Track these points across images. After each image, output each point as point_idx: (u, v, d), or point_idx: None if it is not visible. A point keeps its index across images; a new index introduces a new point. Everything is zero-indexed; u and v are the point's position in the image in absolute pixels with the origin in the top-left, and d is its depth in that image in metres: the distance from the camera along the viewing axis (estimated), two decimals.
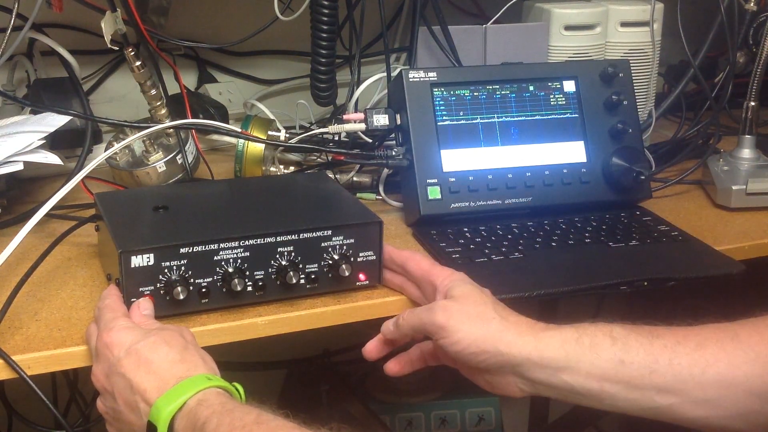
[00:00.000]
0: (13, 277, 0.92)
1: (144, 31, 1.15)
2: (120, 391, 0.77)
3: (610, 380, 0.81)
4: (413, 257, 0.94)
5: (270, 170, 1.23)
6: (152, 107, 1.20)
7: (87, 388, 1.36)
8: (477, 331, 0.83)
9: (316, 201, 1.05)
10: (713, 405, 0.80)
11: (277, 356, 1.65)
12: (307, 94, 1.30)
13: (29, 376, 0.81)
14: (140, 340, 0.78)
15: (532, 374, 0.83)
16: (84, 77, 1.37)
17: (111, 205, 0.98)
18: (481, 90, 1.15)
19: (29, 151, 1.09)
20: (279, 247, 0.90)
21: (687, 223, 1.15)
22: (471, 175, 1.11)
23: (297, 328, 0.92)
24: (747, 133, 1.30)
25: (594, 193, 1.15)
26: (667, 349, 0.81)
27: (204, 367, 0.78)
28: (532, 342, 0.83)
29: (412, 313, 0.89)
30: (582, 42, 1.35)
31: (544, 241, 1.06)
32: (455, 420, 1.63)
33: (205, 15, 1.49)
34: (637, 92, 1.26)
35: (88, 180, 1.15)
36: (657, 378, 0.80)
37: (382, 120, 1.12)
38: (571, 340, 0.82)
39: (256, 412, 0.73)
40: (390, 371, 0.95)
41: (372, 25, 1.36)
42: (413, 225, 1.12)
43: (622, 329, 0.83)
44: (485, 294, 0.88)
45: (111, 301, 0.84)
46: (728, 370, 0.80)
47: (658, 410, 0.82)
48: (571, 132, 1.17)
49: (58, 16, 1.25)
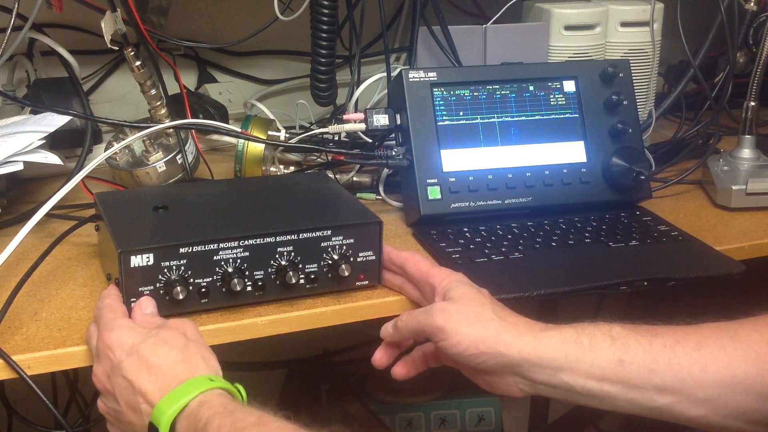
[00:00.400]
0: (13, 277, 0.92)
1: (144, 31, 1.15)
2: (121, 392, 0.77)
3: (610, 380, 0.81)
4: (412, 258, 0.94)
5: (270, 170, 1.23)
6: (152, 107, 1.20)
7: (87, 388, 1.36)
8: (476, 332, 0.83)
9: (316, 201, 1.05)
10: (713, 404, 0.80)
11: (277, 356, 1.65)
12: (307, 94, 1.30)
13: (29, 376, 0.81)
14: (141, 341, 0.78)
15: (532, 375, 0.83)
16: (84, 77, 1.37)
17: (111, 205, 0.98)
18: (481, 90, 1.15)
19: (29, 151, 1.09)
20: (279, 247, 0.90)
21: (687, 223, 1.15)
22: (471, 175, 1.11)
23: (297, 328, 0.92)
24: (747, 133, 1.30)
25: (594, 193, 1.15)
26: (666, 349, 0.81)
27: (205, 367, 0.78)
28: (531, 342, 0.83)
29: (410, 315, 0.89)
30: (582, 42, 1.35)
31: (544, 241, 1.06)
32: (455, 420, 1.63)
33: (205, 15, 1.49)
34: (637, 92, 1.26)
35: (88, 180, 1.15)
36: (656, 378, 0.80)
37: (382, 120, 1.12)
38: (570, 340, 0.82)
39: (257, 413, 0.73)
40: (397, 375, 0.95)
41: (372, 25, 1.36)
42: (413, 225, 1.12)
43: (621, 329, 0.83)
44: (483, 295, 0.88)
45: (110, 301, 0.84)
46: (728, 369, 0.80)
47: (657, 410, 0.82)
48: (571, 132, 1.17)
49: (58, 16, 1.25)
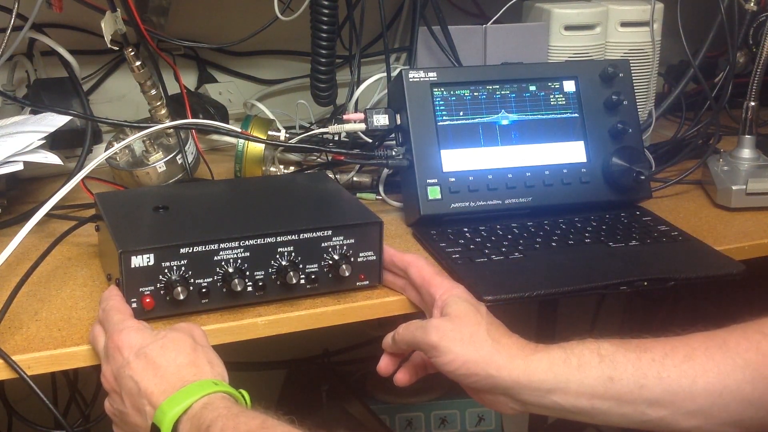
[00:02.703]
0: (13, 277, 0.92)
1: (144, 31, 1.15)
2: (127, 392, 0.77)
3: (600, 397, 0.81)
4: (415, 263, 0.94)
5: (270, 170, 1.23)
6: (152, 107, 1.20)
7: (87, 388, 1.36)
8: (468, 353, 0.83)
9: (316, 201, 1.05)
10: (705, 415, 0.80)
11: (277, 356, 1.65)
12: (307, 94, 1.30)
13: (29, 376, 0.81)
14: (150, 342, 0.79)
15: (522, 396, 0.83)
16: (84, 77, 1.37)
17: (111, 205, 0.98)
18: (481, 90, 1.15)
19: (29, 151, 1.09)
20: (279, 247, 0.90)
21: (687, 223, 1.15)
22: (471, 175, 1.11)
23: (297, 328, 0.92)
24: (747, 133, 1.30)
25: (594, 193, 1.15)
26: (655, 363, 0.81)
27: (211, 371, 0.78)
28: (522, 366, 0.82)
29: (407, 329, 0.89)
30: (582, 42, 1.35)
31: (544, 241, 1.06)
32: (455, 420, 1.63)
33: (205, 15, 1.49)
34: (637, 92, 1.26)
35: (88, 180, 1.15)
36: (647, 392, 0.80)
37: (382, 120, 1.12)
38: (558, 361, 0.82)
39: (261, 417, 0.73)
40: (399, 383, 0.95)
41: (372, 25, 1.36)
42: (413, 225, 1.12)
43: (609, 345, 0.83)
44: (480, 313, 0.87)
45: (116, 302, 0.84)
46: (718, 380, 0.80)
47: (650, 423, 0.82)
48: (571, 132, 1.17)
49: (58, 16, 1.25)
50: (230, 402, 0.75)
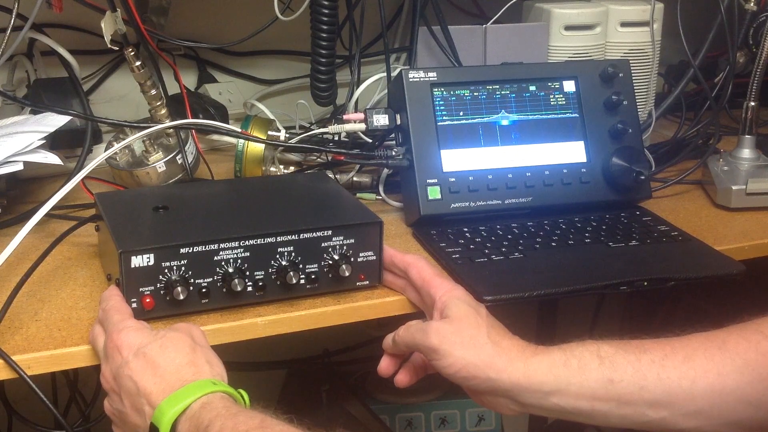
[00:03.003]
0: (13, 277, 0.92)
1: (144, 31, 1.15)
2: (126, 392, 0.77)
3: (601, 399, 0.82)
4: (416, 264, 0.94)
5: (270, 170, 1.23)
6: (152, 107, 1.20)
7: (87, 388, 1.36)
8: (468, 356, 0.83)
9: (316, 201, 1.05)
10: (705, 415, 0.80)
11: (277, 356, 1.65)
12: (307, 94, 1.30)
13: (29, 376, 0.81)
14: (149, 342, 0.79)
15: (522, 398, 0.83)
16: (84, 77, 1.37)
17: (111, 205, 0.98)
18: (481, 90, 1.15)
19: (29, 151, 1.09)
20: (279, 247, 0.90)
21: (687, 223, 1.15)
22: (471, 175, 1.11)
23: (297, 328, 0.92)
24: (747, 133, 1.30)
25: (594, 193, 1.15)
26: (655, 364, 0.81)
27: (210, 371, 0.78)
28: (522, 368, 0.82)
29: (407, 331, 0.89)
30: (582, 42, 1.35)
31: (544, 241, 1.06)
32: (455, 420, 1.63)
33: (205, 15, 1.49)
34: (637, 92, 1.26)
35: (88, 180, 1.15)
36: (647, 394, 0.81)
37: (382, 120, 1.12)
38: (558, 363, 0.82)
39: (260, 416, 0.73)
40: (400, 384, 0.95)
41: (372, 25, 1.36)
42: (413, 225, 1.12)
43: (609, 347, 0.83)
44: (480, 315, 0.87)
45: (116, 302, 0.84)
46: (718, 380, 0.80)
47: (650, 424, 0.82)
48: (571, 132, 1.17)
49: (58, 16, 1.25)
50: (229, 402, 0.75)
